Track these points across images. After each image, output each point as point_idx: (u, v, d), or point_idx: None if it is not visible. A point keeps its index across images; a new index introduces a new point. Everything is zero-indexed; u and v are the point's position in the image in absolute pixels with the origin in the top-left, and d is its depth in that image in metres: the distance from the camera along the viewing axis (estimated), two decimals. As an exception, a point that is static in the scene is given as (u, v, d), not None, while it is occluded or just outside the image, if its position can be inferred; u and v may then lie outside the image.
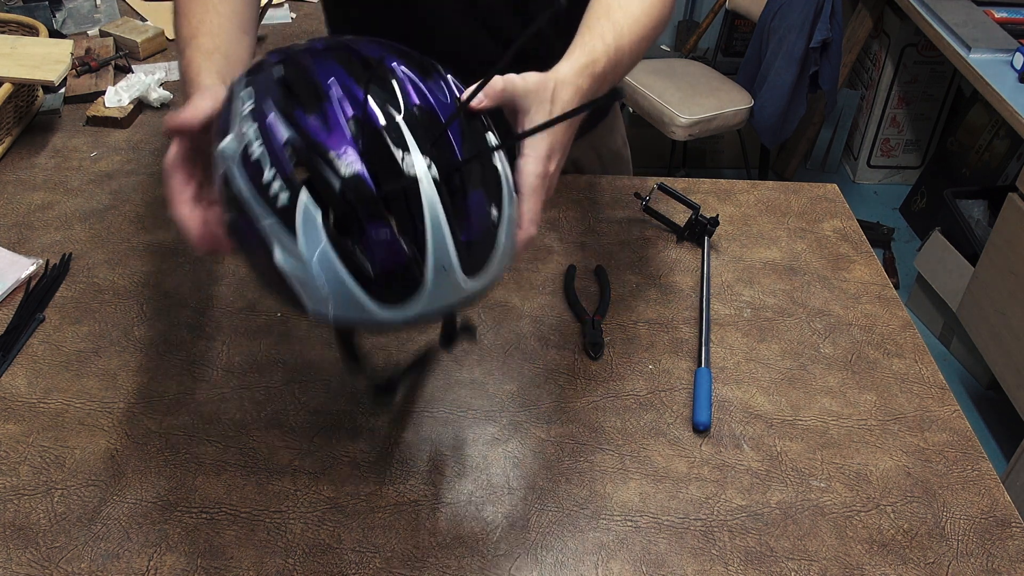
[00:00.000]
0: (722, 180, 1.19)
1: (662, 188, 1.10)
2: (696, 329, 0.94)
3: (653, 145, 2.95)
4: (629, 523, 0.74)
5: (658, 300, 0.98)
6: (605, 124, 1.21)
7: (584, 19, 0.80)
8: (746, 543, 0.73)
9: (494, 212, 0.59)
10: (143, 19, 1.57)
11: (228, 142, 0.58)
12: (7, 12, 1.42)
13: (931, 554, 0.73)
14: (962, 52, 2.17)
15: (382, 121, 0.56)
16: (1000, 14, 2.32)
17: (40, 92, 1.30)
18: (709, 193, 1.16)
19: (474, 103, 0.62)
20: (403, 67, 0.60)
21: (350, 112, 0.56)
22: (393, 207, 0.55)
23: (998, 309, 2.04)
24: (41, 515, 0.73)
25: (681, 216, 1.08)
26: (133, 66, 1.43)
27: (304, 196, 0.55)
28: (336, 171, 0.55)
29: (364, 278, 0.56)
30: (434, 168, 0.56)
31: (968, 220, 2.29)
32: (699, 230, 1.05)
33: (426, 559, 0.71)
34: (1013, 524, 0.75)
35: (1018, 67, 2.05)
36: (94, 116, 1.27)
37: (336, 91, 0.58)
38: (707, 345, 0.91)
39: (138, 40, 1.45)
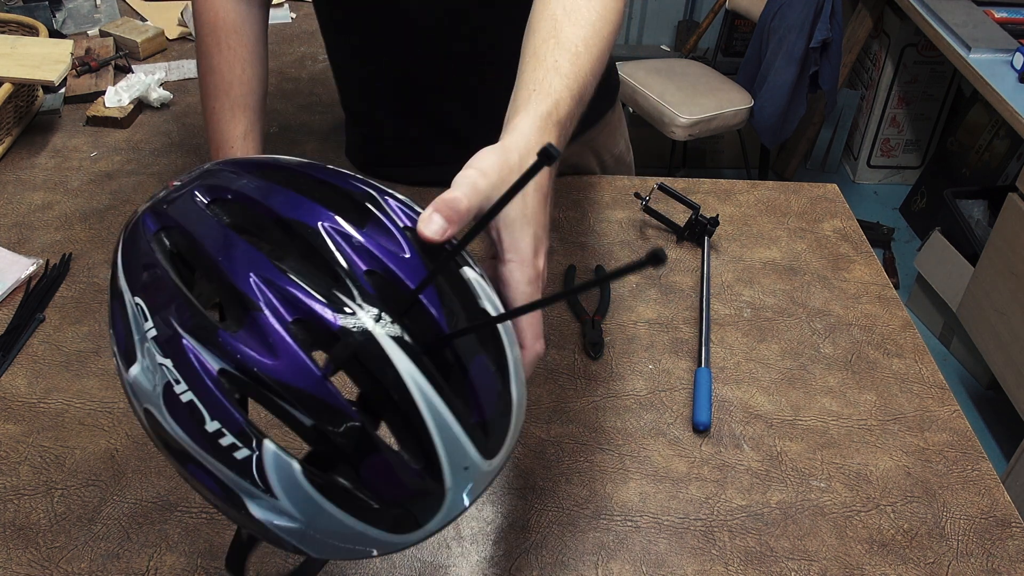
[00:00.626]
0: (722, 180, 1.19)
1: (662, 188, 1.10)
2: (696, 329, 0.94)
3: (653, 145, 2.95)
4: (629, 523, 0.74)
5: (658, 300, 0.98)
6: (606, 127, 1.20)
7: (527, 41, 0.65)
8: (746, 543, 0.73)
9: (495, 368, 0.47)
10: (143, 19, 1.57)
11: (139, 375, 0.45)
12: (7, 12, 1.42)
13: (931, 554, 0.73)
14: (962, 52, 2.17)
15: (336, 318, 0.43)
16: (1000, 14, 2.32)
17: (40, 92, 1.30)
18: (709, 193, 1.16)
19: (434, 234, 0.47)
20: (329, 221, 0.46)
21: (289, 316, 0.43)
22: (385, 423, 0.44)
23: (998, 309, 2.04)
24: (41, 515, 0.73)
25: (681, 216, 1.08)
26: (133, 66, 1.43)
27: (271, 446, 0.43)
28: (301, 405, 0.42)
29: (372, 517, 0.44)
30: (420, 358, 0.43)
31: (968, 220, 2.29)
32: (699, 230, 1.05)
33: (426, 559, 0.71)
34: (1013, 524, 0.75)
35: (1018, 67, 2.05)
36: (94, 116, 1.27)
37: (259, 290, 0.43)
38: (707, 345, 0.91)
39: (138, 40, 1.45)
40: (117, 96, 1.29)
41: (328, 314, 0.43)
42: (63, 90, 1.33)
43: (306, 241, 0.45)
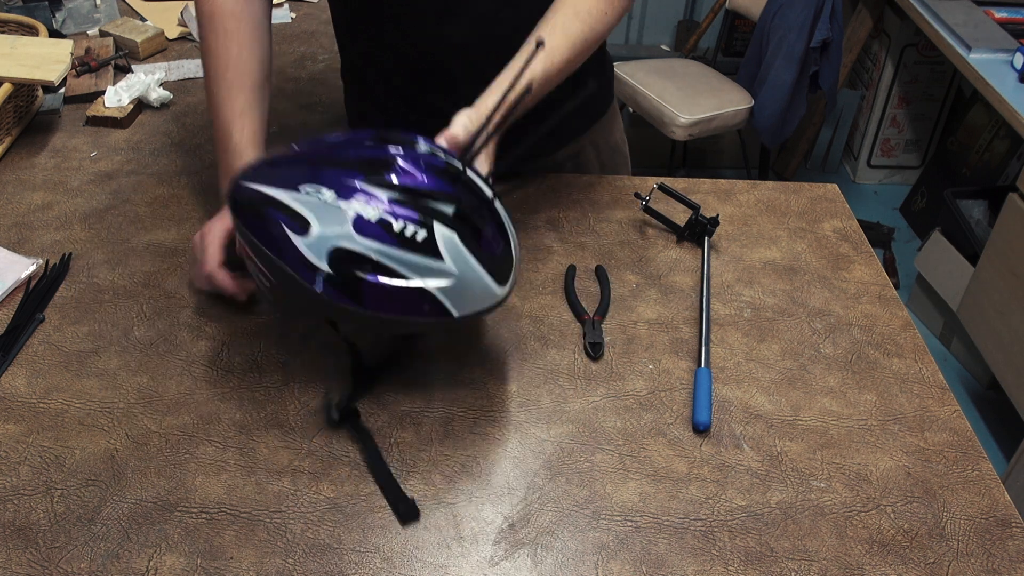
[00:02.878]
0: (722, 180, 1.19)
1: (662, 188, 1.10)
2: (696, 329, 0.94)
3: (653, 145, 2.95)
4: (629, 523, 0.74)
5: (658, 300, 0.98)
6: (603, 120, 1.22)
7: (536, 28, 0.91)
8: (746, 543, 0.73)
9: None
10: (143, 19, 1.57)
11: (318, 230, 0.71)
12: (7, 12, 1.42)
13: (931, 554, 0.73)
14: (962, 52, 2.17)
15: (443, 162, 0.74)
16: (1000, 14, 2.32)
17: (40, 92, 1.30)
18: (709, 193, 1.16)
19: (450, 144, 0.81)
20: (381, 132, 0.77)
21: (415, 163, 0.72)
22: (490, 215, 0.75)
23: (998, 309, 2.04)
24: (41, 515, 0.73)
25: (681, 216, 1.08)
26: (133, 66, 1.43)
27: (439, 227, 0.71)
28: (448, 201, 0.72)
29: (491, 266, 0.74)
30: (491, 187, 0.77)
31: (968, 220, 2.29)
32: (699, 230, 1.05)
33: (426, 559, 0.71)
34: (1013, 524, 0.75)
35: (1018, 67, 2.05)
36: (94, 116, 1.27)
37: (392, 152, 0.73)
38: (707, 345, 0.91)
39: (138, 40, 1.45)
40: (117, 96, 1.29)
41: (439, 156, 0.75)
42: (63, 90, 1.33)
43: (392, 137, 0.77)
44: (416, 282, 0.72)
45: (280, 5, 1.69)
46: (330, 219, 0.71)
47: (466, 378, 0.87)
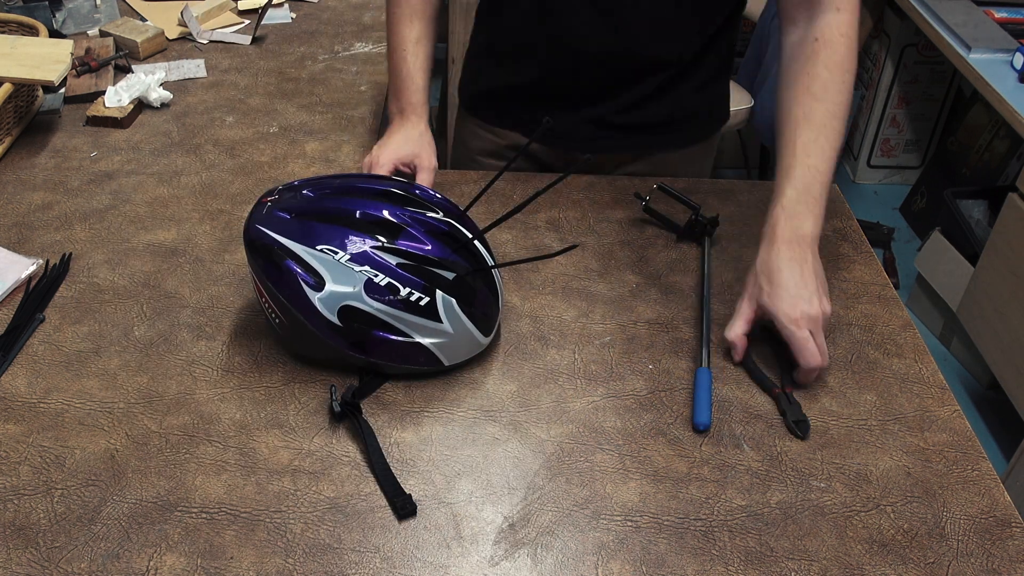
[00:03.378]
0: (722, 180, 1.19)
1: (662, 188, 1.10)
2: (696, 329, 0.94)
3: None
4: (629, 523, 0.74)
5: (658, 300, 0.98)
6: (699, 147, 1.23)
7: (785, 131, 0.90)
8: (746, 543, 0.73)
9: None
10: (143, 19, 1.57)
11: (332, 287, 0.78)
12: (7, 12, 1.42)
13: (931, 554, 0.73)
14: (962, 52, 2.17)
15: (447, 226, 0.81)
16: (1000, 14, 2.31)
17: (40, 92, 1.30)
18: (709, 193, 1.16)
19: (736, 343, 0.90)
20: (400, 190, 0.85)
21: (423, 229, 0.80)
22: (483, 278, 0.84)
23: (998, 309, 2.04)
24: (41, 515, 0.73)
25: (681, 216, 1.08)
26: (133, 66, 1.43)
27: (440, 293, 0.80)
28: (447, 268, 0.80)
29: (479, 323, 0.84)
30: (490, 251, 0.85)
31: (968, 220, 2.29)
32: (699, 230, 1.05)
33: (426, 559, 0.71)
34: (1013, 524, 0.75)
35: (1018, 67, 2.05)
36: (94, 116, 1.27)
37: (402, 216, 0.79)
38: (707, 345, 0.90)
39: (138, 40, 1.45)
40: (117, 96, 1.29)
41: (443, 225, 0.82)
42: (63, 90, 1.33)
43: (406, 196, 0.84)
44: (416, 339, 0.81)
45: (280, 5, 1.69)
46: (343, 279, 0.78)
47: (466, 378, 0.87)
